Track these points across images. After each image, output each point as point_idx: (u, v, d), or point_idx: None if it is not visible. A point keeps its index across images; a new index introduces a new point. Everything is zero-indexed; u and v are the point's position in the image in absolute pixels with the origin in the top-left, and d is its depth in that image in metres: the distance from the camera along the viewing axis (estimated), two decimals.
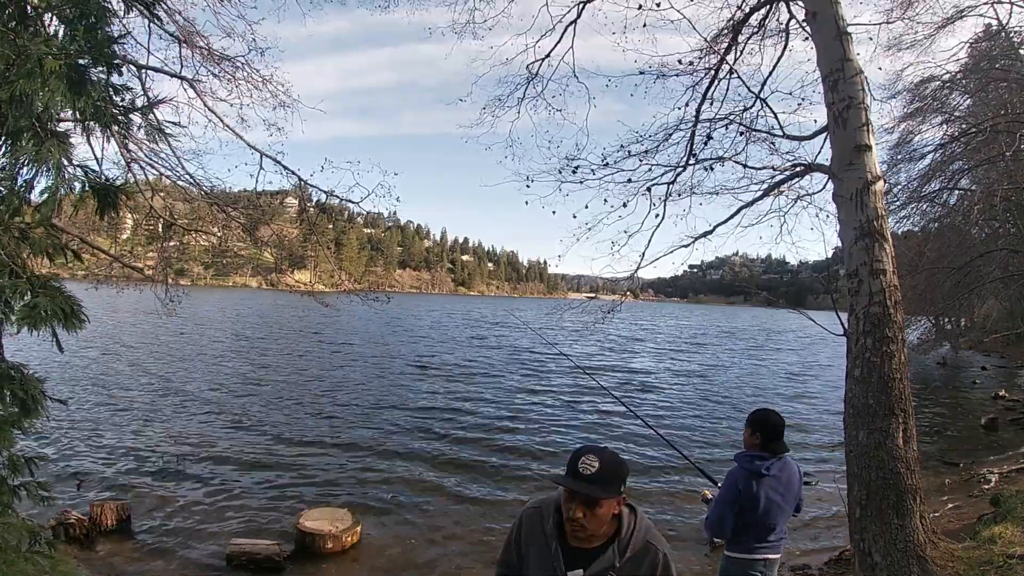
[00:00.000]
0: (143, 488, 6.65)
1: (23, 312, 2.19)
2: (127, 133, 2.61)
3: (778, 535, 2.94)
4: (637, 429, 10.76)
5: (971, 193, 12.06)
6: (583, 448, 1.50)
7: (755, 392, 16.14)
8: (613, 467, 1.46)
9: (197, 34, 5.67)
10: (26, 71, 1.88)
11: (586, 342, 28.69)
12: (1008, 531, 4.59)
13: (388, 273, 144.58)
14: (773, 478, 2.85)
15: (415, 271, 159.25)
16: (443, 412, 11.51)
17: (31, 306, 2.20)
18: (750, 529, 2.86)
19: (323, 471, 7.56)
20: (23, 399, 2.44)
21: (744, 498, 2.81)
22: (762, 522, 2.84)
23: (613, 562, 1.47)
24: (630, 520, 1.52)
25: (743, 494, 2.81)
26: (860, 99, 4.31)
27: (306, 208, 6.90)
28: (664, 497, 7.12)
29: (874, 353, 4.08)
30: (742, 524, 2.84)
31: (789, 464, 2.96)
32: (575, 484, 1.42)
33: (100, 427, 9.06)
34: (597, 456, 1.45)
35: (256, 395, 12.40)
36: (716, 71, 6.21)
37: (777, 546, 2.97)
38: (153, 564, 5.00)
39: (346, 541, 5.29)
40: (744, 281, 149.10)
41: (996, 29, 11.76)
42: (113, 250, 7.19)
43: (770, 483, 2.83)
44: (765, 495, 2.80)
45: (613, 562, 1.47)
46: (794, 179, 5.44)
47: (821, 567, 5.11)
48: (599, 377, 17.16)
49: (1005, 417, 12.07)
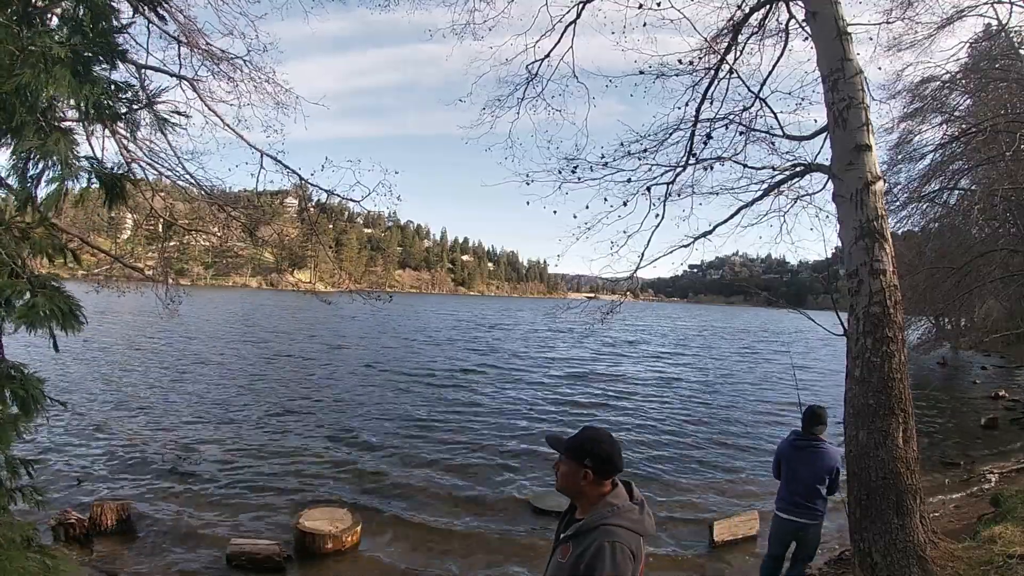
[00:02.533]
0: (143, 488, 6.65)
1: (21, 311, 2.19)
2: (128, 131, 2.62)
3: (804, 506, 3.97)
4: (638, 433, 10.78)
5: (971, 193, 12.05)
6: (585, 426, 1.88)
7: (759, 392, 16.14)
8: (578, 436, 1.80)
9: (198, 33, 5.66)
10: (30, 64, 1.88)
11: (584, 343, 28.69)
12: (1008, 531, 4.59)
13: (388, 273, 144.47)
14: (801, 451, 4.04)
15: (415, 271, 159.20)
16: (443, 413, 11.50)
17: (29, 306, 2.20)
18: (782, 487, 4.11)
19: (323, 471, 7.56)
20: (23, 399, 2.44)
21: (781, 458, 4.15)
22: (789, 480, 4.06)
23: (577, 530, 1.70)
24: (605, 505, 1.71)
25: (781, 455, 4.17)
26: (860, 99, 4.31)
27: (306, 208, 6.89)
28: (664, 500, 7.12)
29: (874, 353, 4.08)
30: (783, 482, 4.11)
31: (821, 448, 4.02)
32: (549, 440, 1.88)
33: (100, 427, 9.06)
34: (583, 429, 1.83)
35: (256, 395, 12.40)
36: (716, 71, 6.21)
37: (803, 511, 3.97)
38: (153, 564, 4.99)
39: (346, 541, 5.29)
40: (744, 281, 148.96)
41: (996, 29, 11.74)
42: (113, 250, 7.19)
43: (797, 455, 4.04)
44: (791, 460, 4.07)
45: (577, 530, 1.70)
46: (794, 179, 5.44)
47: (821, 567, 5.10)
48: (592, 384, 17.17)
49: (1005, 417, 12.08)
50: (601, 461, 1.72)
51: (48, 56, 1.92)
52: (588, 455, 1.73)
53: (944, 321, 18.90)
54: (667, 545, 5.77)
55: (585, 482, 1.73)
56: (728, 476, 8.11)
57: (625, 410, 12.60)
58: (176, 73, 5.55)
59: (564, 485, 1.78)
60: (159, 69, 5.41)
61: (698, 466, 8.52)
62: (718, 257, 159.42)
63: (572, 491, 1.77)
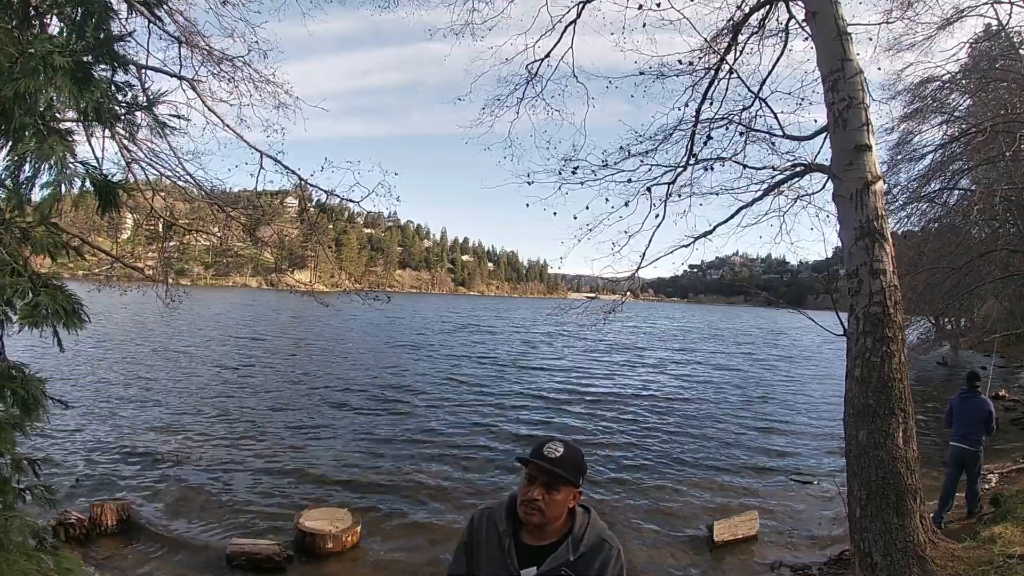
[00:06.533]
0: (143, 488, 6.65)
1: (25, 311, 2.18)
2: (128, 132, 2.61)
3: (969, 437, 5.86)
4: (640, 436, 10.78)
5: (971, 193, 12.03)
6: (548, 437, 1.57)
7: (763, 394, 16.15)
8: (576, 456, 1.52)
9: (198, 34, 5.66)
10: (30, 68, 1.88)
11: (583, 344, 28.68)
12: (1008, 531, 4.59)
13: (388, 273, 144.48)
14: (966, 401, 5.95)
15: (415, 271, 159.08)
16: (443, 413, 11.51)
17: (32, 305, 2.19)
18: (953, 426, 6.00)
19: (323, 471, 7.56)
20: (24, 399, 2.43)
21: (953, 407, 6.05)
22: (958, 421, 5.95)
23: (567, 557, 1.47)
24: (583, 518, 1.54)
25: (952, 405, 6.07)
26: (860, 99, 4.31)
27: (306, 208, 6.89)
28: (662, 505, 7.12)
29: (874, 353, 4.08)
30: (953, 423, 6.00)
31: (976, 399, 5.94)
32: (541, 462, 1.47)
33: (100, 427, 9.06)
34: (562, 444, 1.52)
35: (256, 395, 12.40)
36: (716, 71, 6.21)
37: (969, 441, 5.86)
38: (153, 564, 5.00)
39: (346, 541, 5.29)
40: (744, 281, 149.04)
41: (996, 29, 11.74)
42: (113, 250, 7.19)
43: (963, 403, 5.95)
44: (960, 407, 5.96)
45: (567, 557, 1.47)
46: (794, 179, 5.44)
47: (821, 567, 5.11)
48: (594, 385, 17.15)
49: (1005, 417, 12.06)
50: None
51: (48, 62, 1.91)
52: (583, 474, 1.53)
53: (944, 321, 18.90)
54: (667, 545, 5.77)
55: (572, 503, 1.52)
56: (729, 476, 8.11)
57: (625, 410, 12.60)
58: (176, 73, 5.55)
59: (554, 514, 1.48)
60: (159, 70, 5.41)
61: (698, 466, 8.52)
62: (718, 257, 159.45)
63: (555, 518, 1.49)
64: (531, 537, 1.51)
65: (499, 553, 1.50)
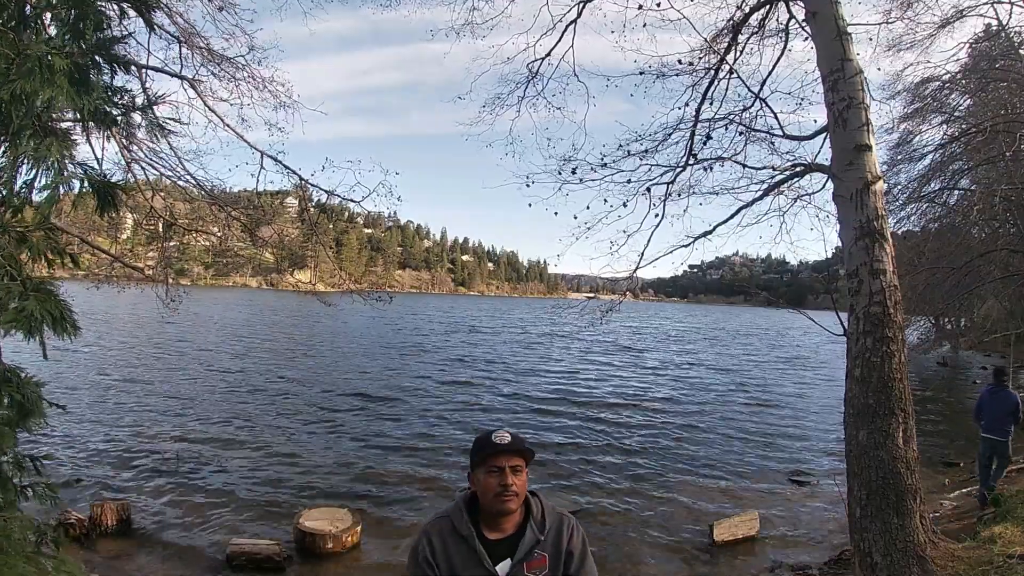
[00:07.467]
0: (143, 488, 6.65)
1: (11, 315, 2.13)
2: (128, 133, 2.60)
3: (998, 428, 6.25)
4: (640, 437, 10.78)
5: (971, 193, 12.05)
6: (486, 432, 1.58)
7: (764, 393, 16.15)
8: (519, 435, 1.57)
9: (197, 35, 5.67)
10: (27, 70, 1.87)
11: (583, 344, 28.68)
12: (1008, 531, 4.59)
13: (388, 273, 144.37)
14: (994, 395, 6.39)
15: (415, 271, 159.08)
16: (443, 413, 11.51)
17: (19, 309, 2.15)
18: (983, 420, 6.40)
19: (323, 471, 7.56)
20: (20, 403, 2.41)
21: (982, 402, 6.52)
22: (988, 415, 6.36)
23: (537, 538, 1.52)
24: (535, 501, 1.59)
25: (982, 399, 6.56)
26: (860, 99, 4.30)
27: (306, 208, 6.89)
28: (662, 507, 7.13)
29: (874, 353, 4.07)
30: (983, 416, 6.42)
31: (1003, 392, 6.36)
32: (505, 449, 1.50)
33: (100, 427, 9.06)
34: (502, 430, 1.56)
35: (256, 395, 12.40)
36: (716, 71, 6.21)
37: (998, 432, 6.24)
38: (153, 564, 5.00)
39: (346, 541, 5.29)
40: (744, 281, 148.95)
41: (996, 29, 11.75)
42: (113, 250, 7.18)
43: (992, 397, 6.40)
44: (989, 401, 6.41)
45: (537, 538, 1.52)
46: (794, 179, 5.44)
47: (821, 567, 5.11)
48: (591, 384, 17.15)
49: None
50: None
51: (45, 64, 1.90)
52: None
53: (944, 321, 18.90)
54: (667, 545, 5.77)
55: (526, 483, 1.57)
56: (729, 476, 8.11)
57: (624, 411, 12.61)
58: (177, 73, 5.55)
59: (522, 496, 1.54)
60: (160, 70, 5.42)
61: (698, 466, 8.52)
62: (718, 257, 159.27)
63: (522, 499, 1.54)
64: (492, 532, 1.53)
65: (471, 556, 1.49)
